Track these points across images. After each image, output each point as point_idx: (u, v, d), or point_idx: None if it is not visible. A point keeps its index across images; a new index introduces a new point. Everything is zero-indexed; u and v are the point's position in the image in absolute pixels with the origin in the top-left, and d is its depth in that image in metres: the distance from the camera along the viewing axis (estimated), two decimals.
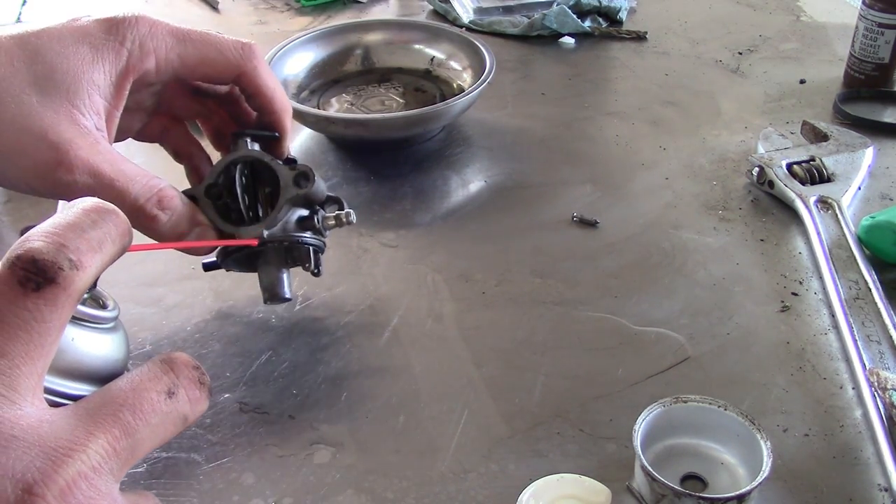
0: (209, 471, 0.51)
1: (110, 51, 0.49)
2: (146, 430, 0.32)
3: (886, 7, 0.86)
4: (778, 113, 0.89)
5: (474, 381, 0.57)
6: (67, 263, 0.30)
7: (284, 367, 0.58)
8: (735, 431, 0.49)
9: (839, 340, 0.60)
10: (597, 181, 0.78)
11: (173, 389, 0.33)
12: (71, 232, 0.31)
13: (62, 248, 0.30)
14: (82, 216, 0.32)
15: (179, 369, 0.34)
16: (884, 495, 0.49)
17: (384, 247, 0.69)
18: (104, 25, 0.49)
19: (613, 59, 1.02)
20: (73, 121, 0.47)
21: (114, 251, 0.33)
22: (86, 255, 0.31)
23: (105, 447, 0.30)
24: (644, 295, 0.64)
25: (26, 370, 0.29)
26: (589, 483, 0.47)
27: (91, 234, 0.31)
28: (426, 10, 1.14)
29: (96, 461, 0.30)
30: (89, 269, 0.31)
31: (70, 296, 0.30)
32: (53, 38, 0.48)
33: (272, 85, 0.55)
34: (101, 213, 0.33)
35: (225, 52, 0.52)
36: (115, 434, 0.31)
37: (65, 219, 0.32)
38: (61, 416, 0.30)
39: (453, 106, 0.79)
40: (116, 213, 0.33)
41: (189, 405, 0.34)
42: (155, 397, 0.33)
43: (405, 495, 0.49)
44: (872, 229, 0.66)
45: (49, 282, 0.29)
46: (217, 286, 0.65)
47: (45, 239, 0.30)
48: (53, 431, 0.29)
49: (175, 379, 0.34)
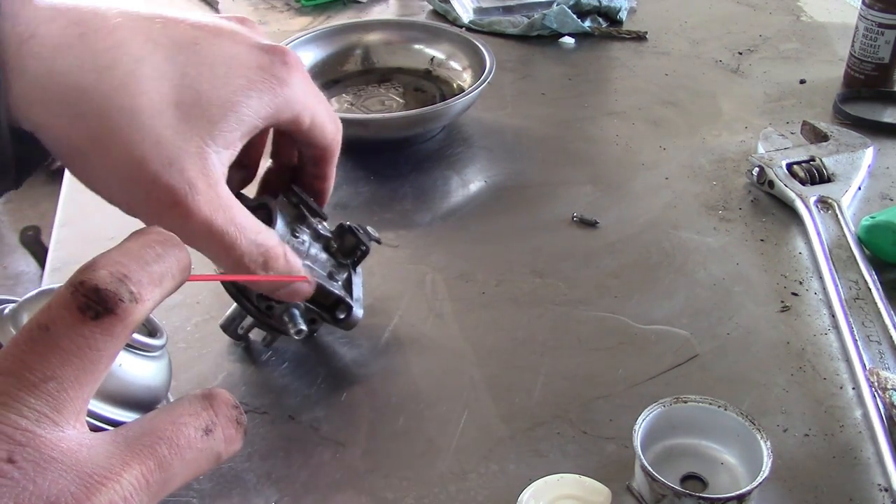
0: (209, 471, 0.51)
1: (267, 91, 0.46)
2: (180, 466, 0.32)
3: (886, 7, 0.86)
4: (778, 113, 0.89)
5: (474, 381, 0.57)
6: (128, 296, 0.30)
7: (284, 367, 0.58)
8: (735, 431, 0.49)
9: (839, 340, 0.60)
10: (597, 181, 0.78)
11: (211, 427, 0.33)
12: (135, 264, 0.31)
13: (125, 279, 0.30)
14: (148, 249, 0.32)
15: (219, 407, 0.34)
16: (884, 495, 0.49)
17: (384, 247, 0.69)
18: (265, 58, 0.46)
19: (613, 59, 1.02)
20: (202, 156, 0.44)
21: (172, 286, 0.33)
22: (146, 288, 0.31)
23: (139, 478, 0.30)
24: (644, 295, 0.64)
25: (73, 395, 0.30)
26: (589, 483, 0.47)
27: (154, 268, 0.32)
28: (426, 10, 1.14)
29: (129, 492, 0.30)
30: (147, 303, 0.31)
31: (126, 327, 0.31)
32: (209, 55, 0.45)
33: (333, 131, 0.53)
34: (166, 246, 0.33)
35: (326, 129, 0.51)
36: (150, 466, 0.31)
37: (131, 250, 0.32)
38: (100, 442, 0.31)
39: (453, 106, 0.79)
40: (181, 248, 0.33)
41: (224, 444, 0.34)
42: (193, 433, 0.33)
43: (405, 495, 0.49)
44: (872, 229, 0.66)
45: (108, 312, 0.30)
46: (218, 286, 0.65)
47: (110, 268, 0.30)
48: (91, 457, 0.30)
49: (214, 417, 0.34)
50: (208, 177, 0.44)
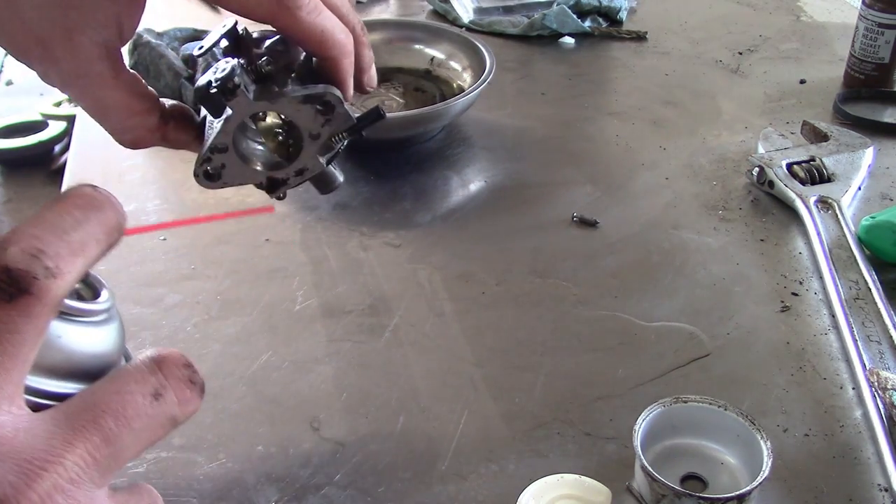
0: (209, 471, 0.51)
1: None
2: (129, 436, 0.30)
3: (886, 7, 0.86)
4: (778, 113, 0.89)
5: (474, 381, 0.57)
6: (43, 272, 0.28)
7: (285, 367, 0.58)
8: (735, 431, 0.49)
9: (839, 340, 0.60)
10: (597, 181, 0.78)
11: (160, 391, 0.31)
12: (51, 235, 0.29)
13: (39, 254, 0.28)
14: (65, 216, 0.30)
15: (168, 368, 0.32)
16: (884, 495, 0.49)
17: (384, 247, 0.69)
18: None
19: (613, 59, 1.02)
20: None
21: (98, 252, 0.31)
22: (65, 260, 0.29)
23: (84, 457, 0.29)
24: (644, 295, 0.64)
25: (0, 381, 0.28)
26: (589, 483, 0.47)
27: (73, 237, 0.30)
28: (426, 10, 1.14)
29: (74, 473, 0.28)
30: (69, 276, 0.29)
31: (46, 305, 0.29)
32: None
33: (319, 29, 0.45)
34: (86, 210, 0.31)
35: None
36: (96, 442, 0.29)
37: (46, 219, 0.30)
38: (39, 423, 0.29)
39: (453, 106, 0.79)
40: (103, 207, 0.31)
41: (178, 407, 0.32)
42: (140, 400, 0.31)
43: (405, 496, 0.49)
44: (872, 229, 0.66)
45: (22, 293, 0.28)
46: (217, 286, 0.65)
47: (22, 244, 0.28)
48: (29, 442, 0.28)
49: (163, 379, 0.32)
50: None
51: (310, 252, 0.69)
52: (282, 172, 0.48)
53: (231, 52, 0.46)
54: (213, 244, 0.70)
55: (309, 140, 0.47)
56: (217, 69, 0.44)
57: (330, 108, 0.46)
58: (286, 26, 0.44)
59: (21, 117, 1.90)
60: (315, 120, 0.46)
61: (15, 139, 1.75)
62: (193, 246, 0.69)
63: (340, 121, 0.47)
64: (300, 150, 0.47)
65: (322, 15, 0.44)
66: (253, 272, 0.67)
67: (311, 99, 0.45)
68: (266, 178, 0.48)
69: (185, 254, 0.69)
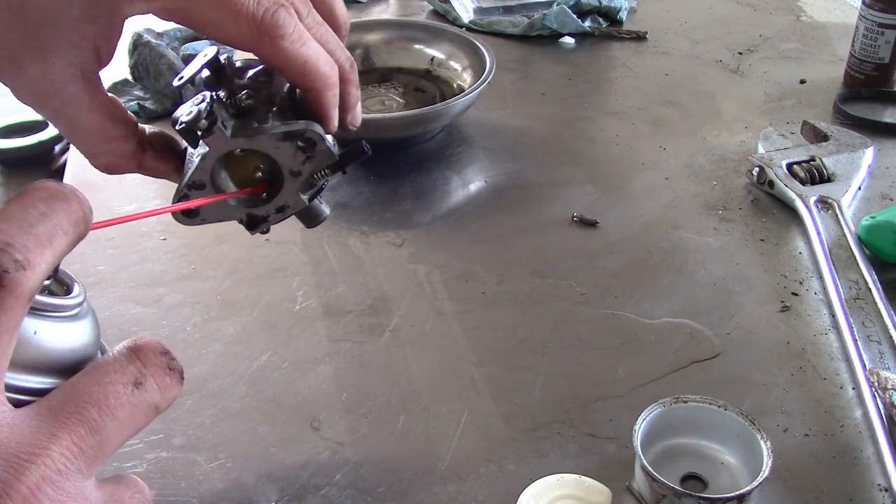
0: (209, 471, 0.51)
1: None
2: (114, 425, 0.31)
3: (886, 7, 0.86)
4: (778, 113, 0.89)
5: (474, 381, 0.57)
6: (13, 265, 0.29)
7: (284, 367, 0.58)
8: (735, 431, 0.49)
9: (839, 340, 0.60)
10: (597, 181, 0.78)
11: (140, 379, 0.32)
12: (16, 228, 0.29)
13: (7, 247, 0.29)
14: (30, 209, 0.30)
15: (146, 357, 0.33)
16: (884, 495, 0.49)
17: (384, 246, 0.69)
18: None
19: (613, 59, 1.02)
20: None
21: (66, 243, 0.31)
22: (34, 252, 0.29)
23: (70, 448, 0.29)
24: (644, 295, 0.64)
25: None
26: (589, 483, 0.47)
27: (40, 229, 0.30)
28: (426, 10, 1.14)
29: (61, 464, 0.29)
30: (39, 267, 0.30)
31: (18, 297, 0.29)
32: None
33: (302, 60, 0.43)
34: (51, 202, 0.31)
35: (239, 18, 0.41)
36: (80, 433, 0.30)
37: (11, 213, 0.30)
38: (23, 417, 0.29)
39: (453, 106, 0.79)
40: (68, 199, 0.31)
41: (159, 394, 0.33)
42: (121, 389, 0.31)
43: (405, 496, 0.49)
44: (872, 229, 0.66)
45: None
46: (217, 286, 0.65)
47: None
48: (14, 436, 0.28)
49: (142, 368, 0.32)
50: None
51: (310, 252, 0.69)
52: (262, 210, 0.47)
53: (212, 82, 0.45)
54: (213, 244, 0.70)
55: (290, 177, 0.45)
56: (195, 101, 0.43)
57: (311, 145, 0.44)
58: (268, 55, 0.43)
59: (21, 117, 1.89)
60: (296, 157, 0.44)
61: (15, 139, 1.75)
62: (193, 246, 0.69)
63: (322, 158, 0.45)
64: (281, 188, 0.46)
65: (306, 45, 0.43)
66: (253, 272, 0.67)
67: (291, 136, 0.44)
68: (246, 215, 0.47)
69: (185, 254, 0.69)
